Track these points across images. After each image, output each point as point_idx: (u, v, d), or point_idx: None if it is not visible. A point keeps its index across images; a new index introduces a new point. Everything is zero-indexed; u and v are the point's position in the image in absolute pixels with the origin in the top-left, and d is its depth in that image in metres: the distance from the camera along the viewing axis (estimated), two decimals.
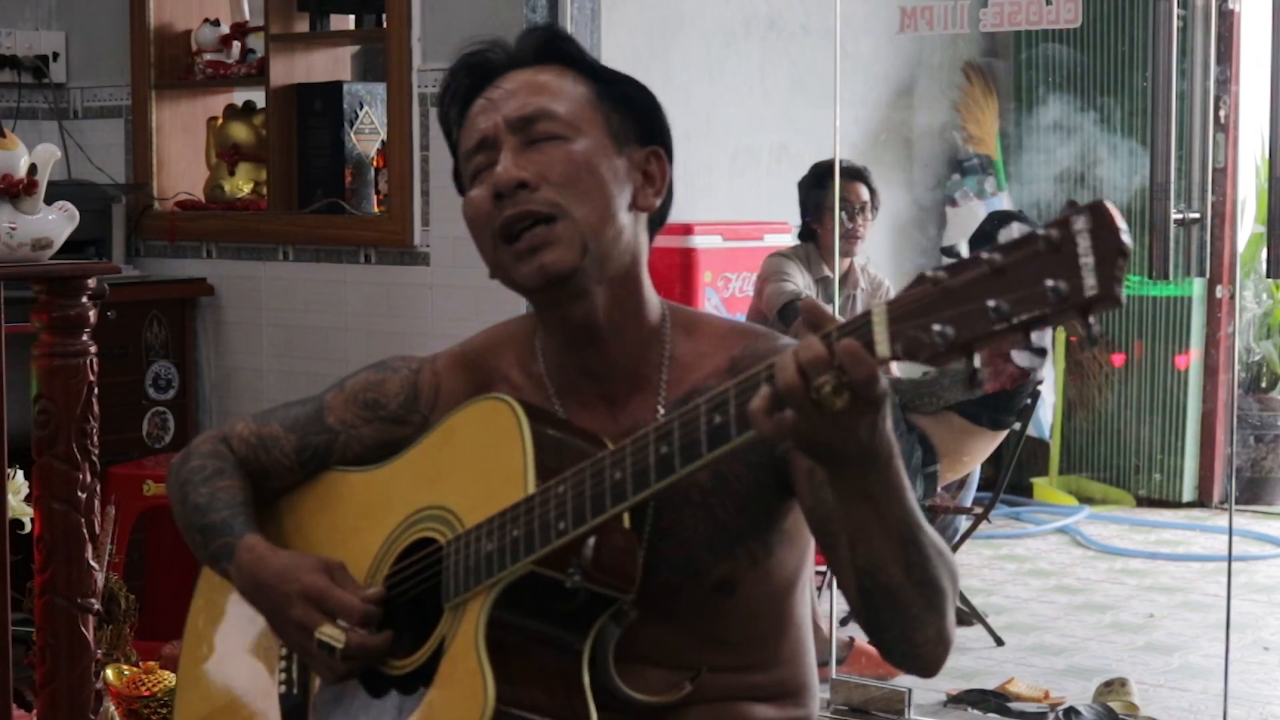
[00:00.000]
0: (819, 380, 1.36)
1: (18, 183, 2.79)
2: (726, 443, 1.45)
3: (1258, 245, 6.64)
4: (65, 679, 2.90)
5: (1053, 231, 1.25)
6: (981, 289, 1.28)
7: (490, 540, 1.60)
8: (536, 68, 1.74)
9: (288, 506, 1.92)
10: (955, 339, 1.29)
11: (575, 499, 1.55)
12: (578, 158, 1.69)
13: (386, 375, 1.87)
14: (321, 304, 4.51)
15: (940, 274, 1.31)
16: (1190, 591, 5.45)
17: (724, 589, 1.70)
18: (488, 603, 1.60)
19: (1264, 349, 6.97)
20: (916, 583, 1.54)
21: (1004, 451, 5.09)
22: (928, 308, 1.31)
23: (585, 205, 1.68)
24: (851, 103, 6.13)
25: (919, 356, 1.32)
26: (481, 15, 4.14)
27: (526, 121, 1.69)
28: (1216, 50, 3.89)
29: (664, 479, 1.49)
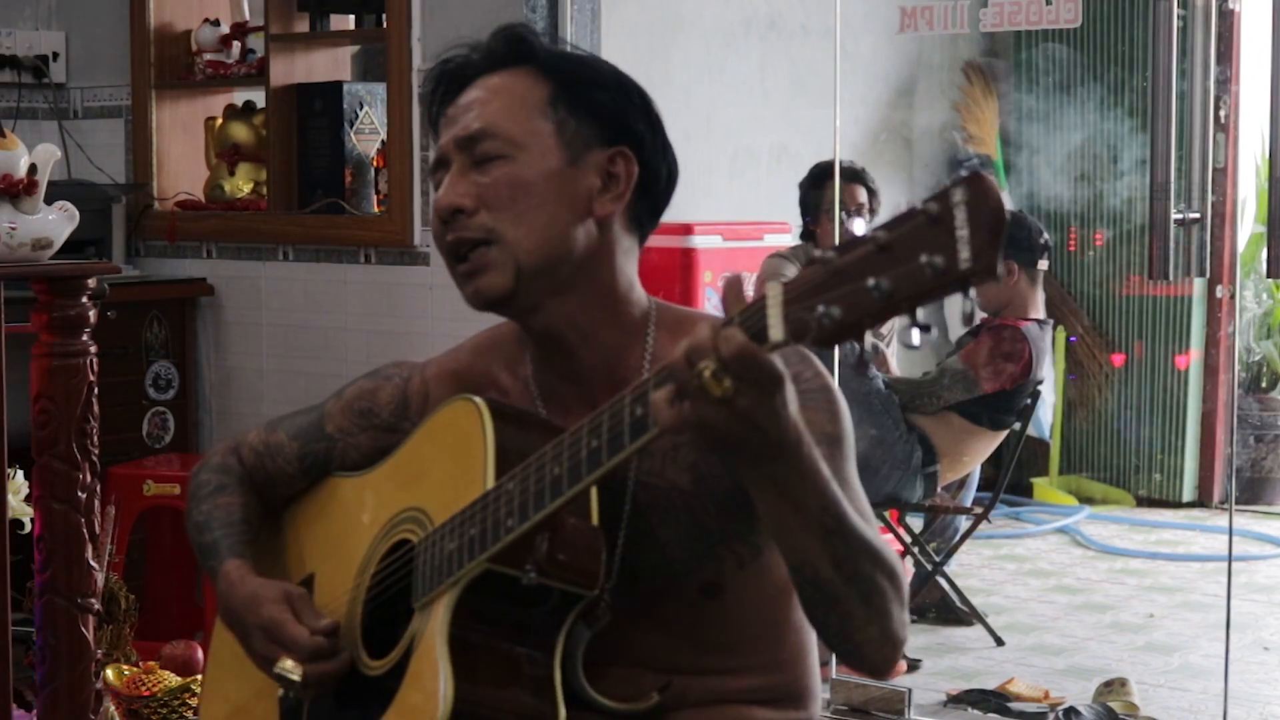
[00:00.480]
0: (700, 365, 1.36)
1: (18, 183, 2.79)
2: (645, 433, 1.44)
3: (1258, 245, 6.64)
4: (65, 679, 2.90)
5: (932, 205, 1.23)
6: (865, 267, 1.26)
7: (452, 539, 1.61)
8: (502, 72, 1.73)
9: (290, 514, 1.95)
10: (841, 319, 1.27)
11: (521, 495, 1.55)
12: (517, 179, 1.68)
13: (379, 384, 1.89)
14: (321, 304, 4.51)
15: (830, 254, 1.29)
16: (1190, 591, 5.45)
17: (710, 591, 1.69)
18: (450, 601, 1.60)
19: (1264, 349, 6.97)
20: (847, 578, 1.53)
21: (1004, 451, 5.08)
22: (817, 288, 1.29)
23: (520, 227, 1.67)
24: (851, 103, 6.13)
25: (806, 338, 1.30)
26: (481, 15, 4.14)
27: (471, 140, 1.70)
28: (1217, 50, 3.89)
29: (594, 471, 1.48)
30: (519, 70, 1.73)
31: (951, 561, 4.97)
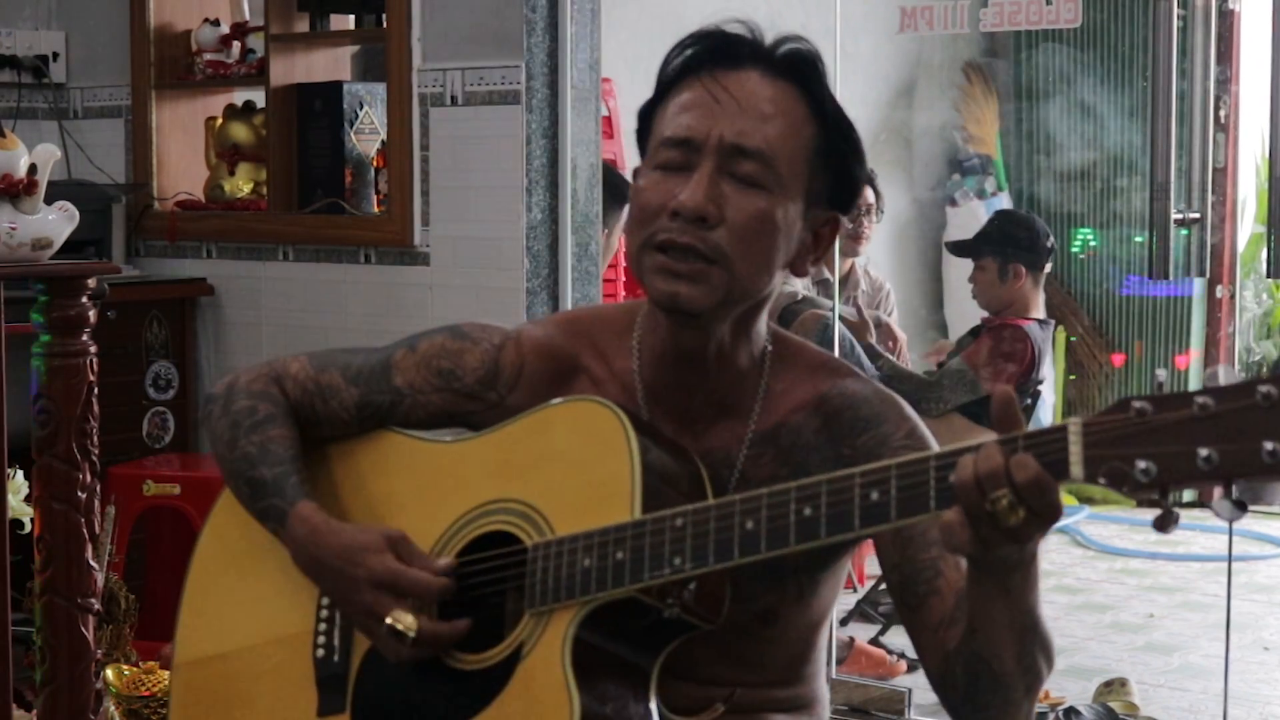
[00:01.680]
0: (996, 494, 1.35)
1: (18, 183, 2.78)
2: (884, 522, 1.43)
3: (1258, 245, 6.64)
4: (65, 679, 2.90)
5: (1272, 390, 1.24)
6: (1191, 433, 1.26)
7: (589, 556, 1.57)
8: (778, 81, 1.67)
9: (341, 458, 1.84)
10: (1158, 477, 1.28)
11: (697, 538, 1.52)
12: (767, 214, 1.63)
13: (466, 345, 1.81)
14: (321, 304, 4.51)
15: (1146, 407, 1.29)
16: (1190, 591, 5.45)
17: (766, 619, 1.70)
18: (578, 618, 1.57)
19: (1264, 349, 6.97)
20: (1024, 670, 1.54)
21: None
22: (1130, 439, 1.29)
23: (749, 263, 1.63)
24: (851, 103, 6.11)
25: (1121, 487, 1.30)
26: (482, 15, 4.14)
27: (741, 154, 1.63)
28: (1217, 50, 3.89)
29: (805, 543, 1.47)
30: (794, 90, 1.67)
31: None
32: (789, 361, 1.74)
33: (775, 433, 1.67)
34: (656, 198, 1.64)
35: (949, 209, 7.08)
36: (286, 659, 1.78)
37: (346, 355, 1.87)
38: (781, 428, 1.68)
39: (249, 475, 1.78)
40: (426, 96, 4.25)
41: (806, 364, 1.75)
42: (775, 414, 1.71)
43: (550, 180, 4.11)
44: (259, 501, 1.78)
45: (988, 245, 4.97)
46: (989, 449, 1.35)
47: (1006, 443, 1.35)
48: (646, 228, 1.65)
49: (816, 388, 1.71)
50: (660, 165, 1.65)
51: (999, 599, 1.48)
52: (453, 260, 4.20)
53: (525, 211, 4.06)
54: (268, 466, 1.77)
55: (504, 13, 4.09)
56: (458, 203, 4.20)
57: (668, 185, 1.64)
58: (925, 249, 7.14)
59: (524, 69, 4.06)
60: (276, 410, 1.81)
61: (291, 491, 1.75)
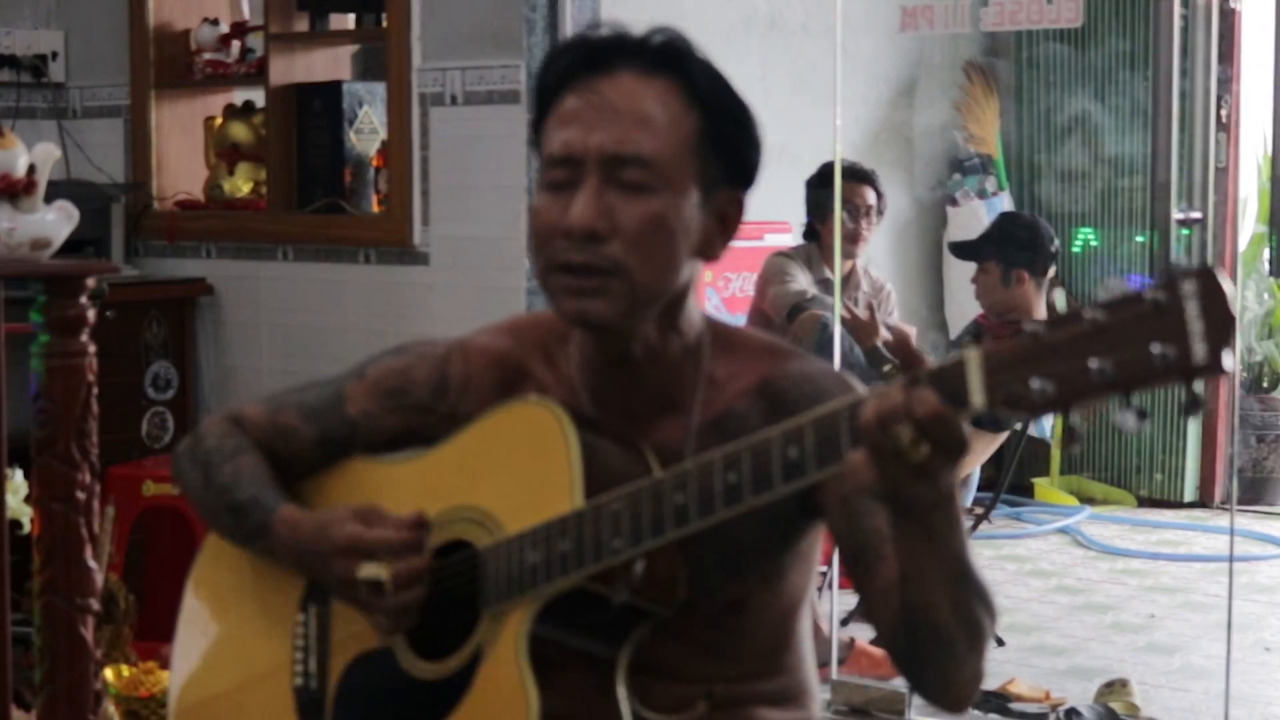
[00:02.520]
0: (897, 429, 1.36)
1: (17, 182, 2.78)
2: (802, 477, 1.44)
3: (1259, 245, 6.64)
4: (65, 679, 2.89)
5: (1160, 294, 1.24)
6: (1084, 347, 1.27)
7: (535, 551, 1.59)
8: (649, 78, 1.64)
9: (313, 490, 1.86)
10: (1055, 396, 1.28)
11: (632, 519, 1.53)
12: (658, 215, 1.62)
13: (411, 361, 1.82)
14: (321, 304, 4.51)
15: (1039, 328, 1.30)
16: (1191, 592, 5.45)
17: (735, 608, 1.69)
18: (530, 613, 1.59)
19: (1265, 349, 6.97)
20: (962, 620, 1.54)
21: (1005, 452, 5.08)
22: (1026, 360, 1.30)
23: (649, 266, 1.62)
24: (851, 103, 6.12)
25: (1019, 409, 1.31)
26: (482, 15, 4.14)
27: (622, 162, 1.61)
28: (1218, 50, 3.89)
29: (731, 507, 1.48)
30: (669, 82, 1.64)
31: None
32: (729, 349, 1.74)
33: (721, 421, 1.67)
34: (549, 219, 1.64)
35: (949, 209, 7.07)
36: (270, 694, 1.82)
37: (300, 394, 1.88)
38: (727, 416, 1.67)
39: (228, 503, 1.81)
40: (426, 96, 4.24)
41: (749, 350, 1.74)
42: (719, 402, 1.71)
43: None
44: (244, 524, 1.81)
45: (991, 248, 4.96)
46: (889, 387, 1.37)
47: (908, 380, 1.37)
48: (544, 250, 1.65)
49: (760, 372, 1.71)
50: (549, 185, 1.65)
51: (923, 543, 1.48)
52: (452, 260, 4.20)
53: (525, 211, 4.06)
54: (243, 490, 1.80)
55: (504, 12, 4.09)
56: (458, 203, 4.20)
57: (559, 205, 1.63)
58: (925, 249, 7.13)
59: (524, 69, 4.06)
60: (243, 443, 1.85)
61: (271, 501, 1.79)
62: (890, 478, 1.39)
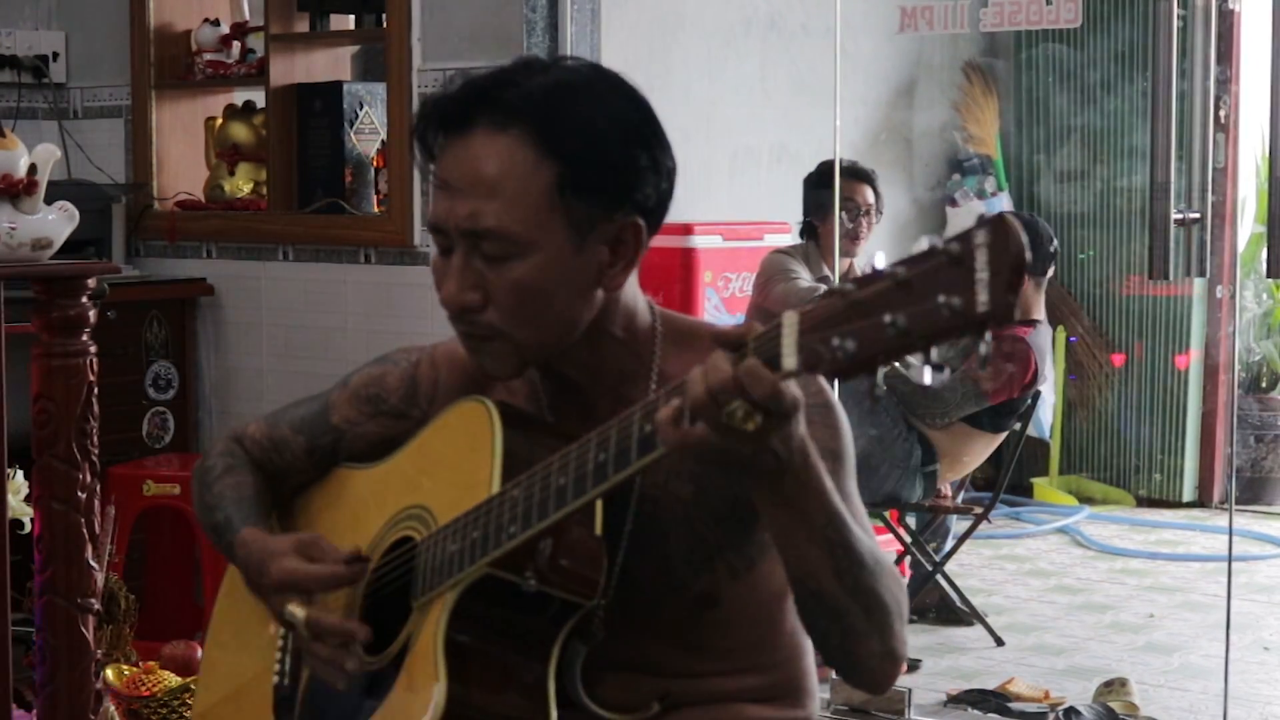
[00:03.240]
0: (730, 405, 1.36)
1: (18, 183, 2.78)
2: (652, 451, 1.44)
3: (1258, 245, 6.64)
4: (65, 679, 2.90)
5: (954, 245, 1.22)
6: (882, 303, 1.25)
7: (454, 541, 1.61)
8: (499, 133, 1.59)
9: (301, 503, 1.94)
10: (854, 353, 1.27)
11: (525, 502, 1.55)
12: (528, 284, 1.60)
13: (387, 369, 1.87)
14: (321, 304, 4.51)
15: (849, 286, 1.28)
16: (1190, 591, 5.45)
17: (706, 602, 1.70)
18: (448, 603, 1.60)
19: (1264, 349, 6.97)
20: (849, 590, 1.53)
21: (1004, 452, 5.08)
22: (833, 320, 1.28)
23: (528, 328, 1.63)
24: (851, 103, 6.13)
25: (819, 369, 1.30)
26: (482, 15, 4.14)
27: (479, 236, 1.60)
28: (1217, 50, 3.89)
29: (599, 485, 1.49)
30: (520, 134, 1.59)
31: (951, 561, 4.97)
32: (682, 342, 1.73)
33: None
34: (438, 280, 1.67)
35: (949, 209, 7.07)
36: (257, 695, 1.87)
37: (295, 408, 1.94)
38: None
39: (211, 523, 1.89)
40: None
41: (702, 339, 1.73)
42: None
43: None
44: (220, 542, 1.87)
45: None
46: (716, 358, 1.37)
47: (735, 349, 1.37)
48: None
49: None
50: (436, 249, 1.68)
51: (782, 509, 1.49)
52: None
53: None
54: (222, 510, 1.87)
55: (504, 13, 4.10)
56: None
57: (443, 268, 1.66)
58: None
59: None
60: (235, 462, 1.91)
61: (238, 522, 1.84)
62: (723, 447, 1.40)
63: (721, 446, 1.40)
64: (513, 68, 1.65)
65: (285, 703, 1.82)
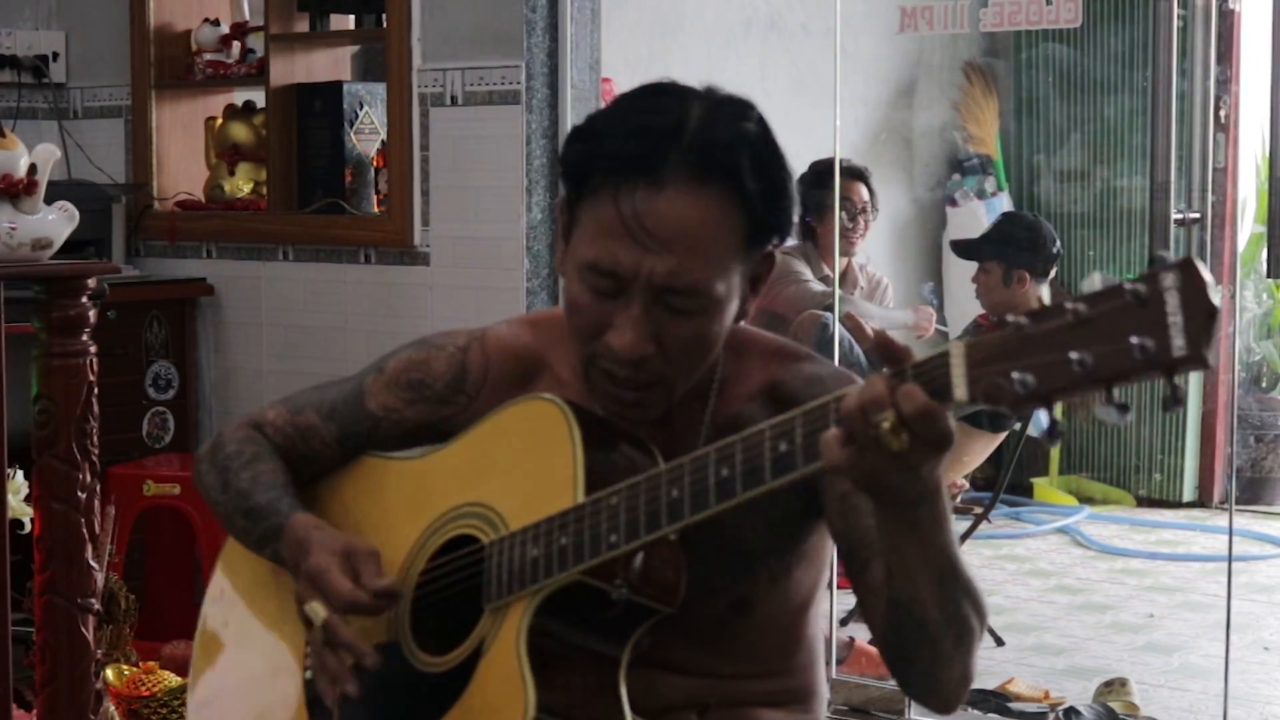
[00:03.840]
0: (878, 417, 1.36)
1: (18, 183, 2.79)
2: (792, 471, 1.44)
3: (1258, 245, 6.64)
4: (65, 679, 2.90)
5: (1140, 287, 1.24)
6: (1064, 339, 1.27)
7: (536, 545, 1.59)
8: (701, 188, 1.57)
9: (328, 490, 1.88)
10: (1036, 388, 1.28)
11: (629, 513, 1.53)
12: (707, 336, 1.62)
13: (431, 353, 1.83)
14: (321, 304, 4.51)
15: (1022, 320, 1.30)
16: (1190, 591, 5.45)
17: (741, 608, 1.70)
18: (531, 608, 1.59)
19: (1264, 349, 6.97)
20: (949, 619, 1.54)
21: (1004, 451, 5.08)
22: (1008, 353, 1.30)
23: (690, 374, 1.65)
24: (851, 103, 6.13)
25: (1000, 402, 1.31)
26: (482, 15, 4.14)
27: (674, 292, 1.59)
28: (1217, 50, 3.90)
29: (724, 502, 1.48)
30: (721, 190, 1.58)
31: None
32: (743, 351, 1.75)
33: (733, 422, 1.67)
34: (590, 320, 1.62)
35: (949, 209, 7.08)
36: (283, 687, 1.83)
37: (319, 393, 1.90)
38: (740, 415, 1.68)
39: (244, 508, 1.82)
40: (426, 96, 4.25)
41: (758, 351, 1.76)
42: (733, 401, 1.72)
43: (550, 180, 4.11)
44: (257, 527, 1.81)
45: (992, 248, 4.96)
46: (873, 379, 1.37)
47: (894, 374, 1.37)
48: (586, 347, 1.64)
49: (771, 374, 1.73)
50: (590, 287, 1.61)
51: (907, 535, 1.48)
52: (453, 260, 4.20)
53: (525, 211, 4.06)
54: (260, 494, 1.81)
55: (504, 13, 4.10)
56: (458, 203, 4.20)
57: (601, 309, 1.61)
58: (925, 249, 7.14)
59: (524, 69, 4.07)
60: (262, 450, 1.86)
61: (286, 507, 1.79)
62: (870, 466, 1.39)
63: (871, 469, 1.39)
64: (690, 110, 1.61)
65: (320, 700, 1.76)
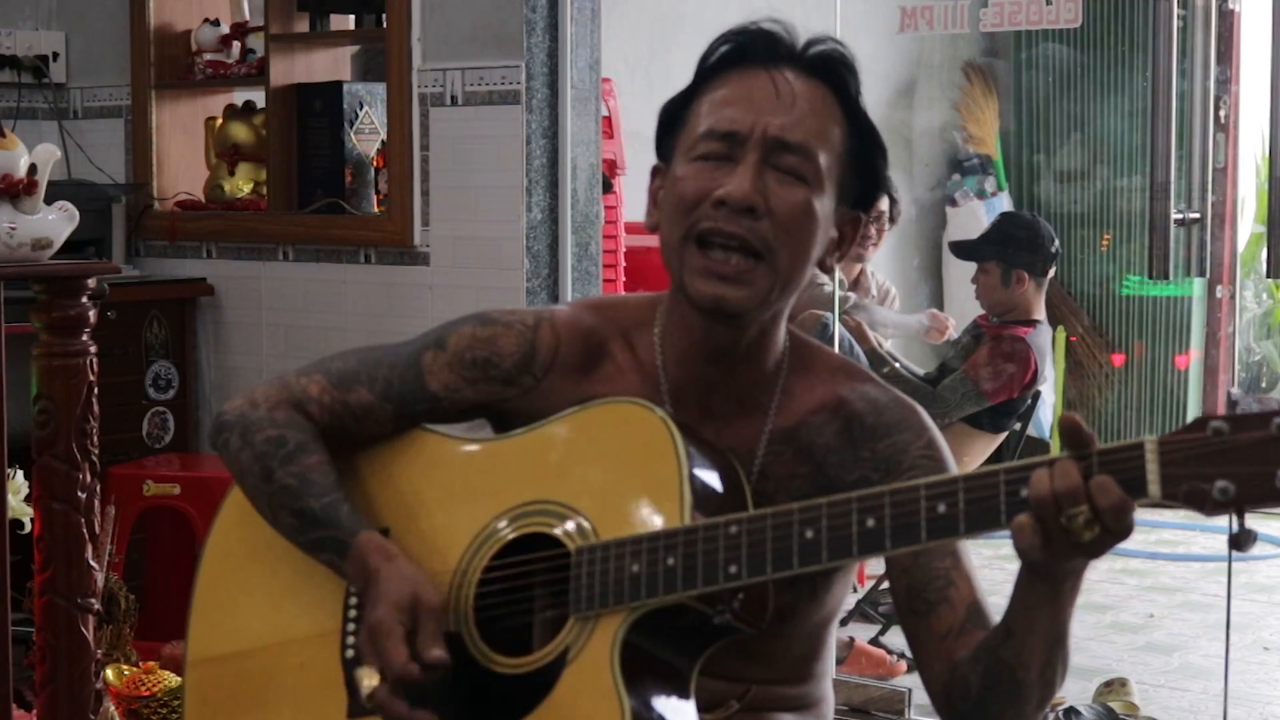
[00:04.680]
0: (1073, 510, 1.36)
1: (18, 183, 2.78)
2: (952, 534, 1.44)
3: (1258, 245, 6.65)
4: (65, 679, 2.90)
5: None
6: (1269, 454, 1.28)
7: (637, 561, 1.56)
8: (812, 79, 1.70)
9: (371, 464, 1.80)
10: (1235, 497, 1.30)
11: (753, 546, 1.51)
12: (809, 209, 1.66)
13: (498, 330, 1.78)
14: (321, 304, 4.51)
15: (1223, 425, 1.30)
16: (1190, 591, 5.45)
17: (783, 615, 1.70)
18: (627, 623, 1.56)
19: (1264, 349, 6.97)
20: (1045, 682, 1.56)
21: (1004, 452, 5.08)
22: (1206, 458, 1.31)
23: (793, 256, 1.65)
24: None
25: (1200, 508, 1.32)
26: (482, 15, 4.14)
27: (784, 147, 1.65)
28: (1216, 50, 3.89)
29: (868, 553, 1.47)
30: (827, 90, 1.70)
31: None
32: (807, 362, 1.76)
33: (795, 431, 1.68)
34: (698, 187, 1.65)
35: (949, 209, 7.08)
36: (312, 658, 1.75)
37: (368, 367, 1.81)
38: (801, 427, 1.69)
39: (294, 508, 1.73)
40: (426, 96, 4.25)
41: (825, 366, 1.77)
42: (794, 413, 1.72)
43: (550, 180, 4.11)
44: (309, 533, 1.73)
45: (991, 248, 4.96)
46: (1065, 466, 1.37)
47: (1082, 459, 1.37)
48: (688, 217, 1.65)
49: (836, 390, 1.73)
50: (701, 156, 1.66)
51: (1045, 606, 1.50)
52: (453, 260, 4.20)
53: (525, 211, 4.06)
54: (314, 498, 1.72)
55: (504, 13, 4.10)
56: (458, 203, 4.20)
57: (710, 175, 1.65)
58: (925, 249, 7.14)
59: (524, 69, 4.06)
60: (306, 438, 1.76)
61: (347, 521, 1.71)
62: (1053, 551, 1.40)
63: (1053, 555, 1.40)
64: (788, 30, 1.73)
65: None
